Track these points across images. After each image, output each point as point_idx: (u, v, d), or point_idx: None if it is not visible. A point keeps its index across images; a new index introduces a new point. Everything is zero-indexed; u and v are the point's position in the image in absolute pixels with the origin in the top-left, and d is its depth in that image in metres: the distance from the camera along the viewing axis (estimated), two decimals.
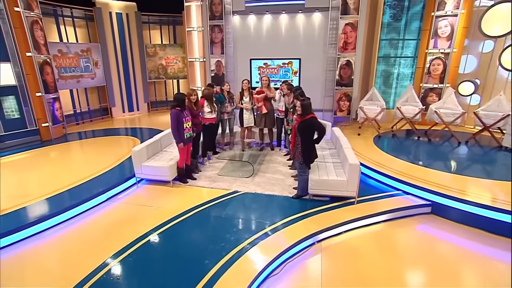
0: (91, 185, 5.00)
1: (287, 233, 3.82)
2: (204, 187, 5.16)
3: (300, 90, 5.27)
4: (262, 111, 6.34)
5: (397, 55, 8.71)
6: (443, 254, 3.75)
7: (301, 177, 4.64)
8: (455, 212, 4.34)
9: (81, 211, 4.42)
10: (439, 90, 8.36)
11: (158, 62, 10.99)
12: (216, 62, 8.87)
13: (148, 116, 10.70)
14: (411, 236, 4.12)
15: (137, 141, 7.43)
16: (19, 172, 5.70)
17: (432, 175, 5.12)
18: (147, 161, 5.26)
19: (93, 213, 4.46)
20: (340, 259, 3.63)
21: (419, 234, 4.18)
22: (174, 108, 4.86)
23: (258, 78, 8.85)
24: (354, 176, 4.40)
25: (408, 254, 3.72)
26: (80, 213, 4.41)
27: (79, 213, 4.39)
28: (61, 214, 4.18)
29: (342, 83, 8.39)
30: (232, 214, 4.29)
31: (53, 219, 4.10)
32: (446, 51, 8.09)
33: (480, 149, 6.59)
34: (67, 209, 4.26)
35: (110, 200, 4.82)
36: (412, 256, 3.70)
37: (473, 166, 5.63)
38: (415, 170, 5.29)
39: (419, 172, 5.22)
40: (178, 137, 4.90)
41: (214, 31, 8.62)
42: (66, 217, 4.24)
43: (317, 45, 8.30)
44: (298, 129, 4.38)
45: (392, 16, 8.32)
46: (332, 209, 4.43)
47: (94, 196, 4.61)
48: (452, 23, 7.87)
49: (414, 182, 4.80)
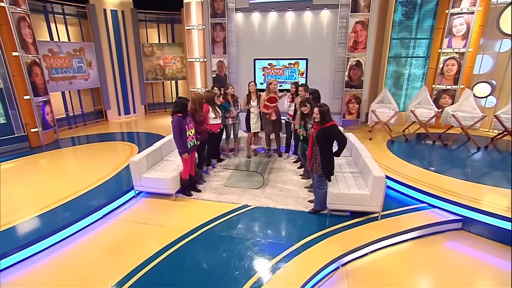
0: (85, 200, 4.49)
1: (308, 258, 3.37)
2: (211, 201, 4.68)
3: (317, 94, 4.81)
4: (271, 117, 5.86)
5: (408, 55, 8.30)
6: (479, 276, 3.33)
7: (319, 191, 4.19)
8: (488, 228, 3.93)
9: (74, 231, 3.92)
10: (452, 91, 7.97)
11: (156, 62, 10.46)
12: (218, 63, 8.38)
13: (145, 119, 10.18)
14: (442, 256, 3.68)
15: (135, 148, 6.92)
16: (5, 184, 5.17)
17: (459, 185, 4.70)
18: (147, 172, 4.77)
19: (87, 233, 3.95)
20: (369, 284, 3.20)
21: (451, 253, 3.76)
22: (176, 114, 4.38)
23: (262, 79, 8.40)
24: (379, 190, 3.96)
25: (441, 277, 3.28)
26: (73, 233, 3.90)
27: (72, 233, 3.89)
28: (52, 235, 3.68)
29: (351, 85, 7.96)
30: (244, 234, 3.83)
31: (43, 242, 3.59)
32: (461, 51, 7.69)
33: (502, 155, 6.19)
34: (59, 229, 3.76)
35: (106, 217, 4.32)
36: (447, 279, 3.26)
37: (501, 175, 5.22)
38: (439, 180, 4.87)
39: (445, 182, 4.80)
40: (182, 147, 4.42)
41: (215, 29, 8.13)
42: (58, 238, 3.74)
43: (325, 44, 7.85)
44: (316, 138, 3.94)
45: (404, 14, 7.91)
46: (354, 226, 3.99)
47: (89, 213, 4.12)
48: (468, 21, 7.47)
49: (443, 195, 4.38)
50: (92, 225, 4.11)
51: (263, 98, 5.80)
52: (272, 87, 5.81)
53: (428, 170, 5.32)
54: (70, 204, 4.38)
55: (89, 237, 3.89)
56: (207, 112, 5.22)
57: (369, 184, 4.11)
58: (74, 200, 4.48)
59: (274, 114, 5.80)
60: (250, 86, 5.98)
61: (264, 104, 5.79)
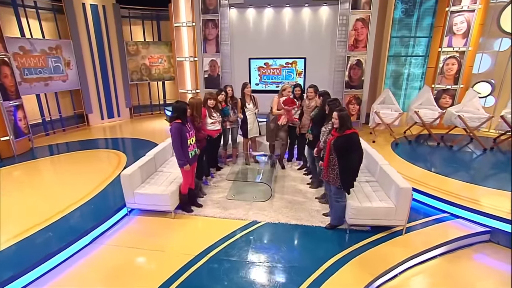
0: (68, 222, 3.86)
1: (336, 287, 2.95)
2: (215, 217, 4.17)
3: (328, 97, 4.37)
4: (282, 121, 5.24)
5: (408, 54, 8.08)
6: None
7: (336, 204, 3.78)
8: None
9: (56, 263, 3.29)
10: (453, 91, 7.80)
11: (141, 61, 9.74)
12: (210, 62, 7.83)
13: (131, 123, 9.46)
14: (474, 272, 3.38)
15: (122, 156, 6.27)
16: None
17: (480, 193, 4.44)
18: (141, 187, 4.20)
19: (73, 265, 3.33)
20: None
21: (483, 269, 3.47)
22: (174, 121, 3.84)
23: (258, 80, 7.94)
24: (404, 203, 3.59)
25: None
26: (55, 267, 3.28)
27: (53, 266, 3.26)
28: (29, 272, 3.05)
29: (351, 85, 7.63)
30: (257, 258, 3.35)
31: (16, 283, 2.96)
32: (461, 50, 7.52)
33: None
34: (37, 264, 3.13)
35: (95, 241, 3.71)
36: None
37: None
38: (458, 187, 4.60)
39: (465, 189, 4.52)
40: (183, 157, 3.88)
41: (207, 26, 7.57)
42: (35, 275, 3.11)
43: (324, 43, 7.48)
44: (334, 146, 3.52)
45: (404, 11, 7.67)
46: (378, 243, 3.61)
47: (75, 239, 3.50)
48: (469, 19, 7.30)
49: (467, 204, 4.08)
50: (78, 254, 3.49)
51: (275, 102, 5.28)
52: (286, 94, 5.19)
53: (445, 176, 5.03)
54: (50, 228, 3.73)
55: (75, 269, 3.27)
56: (204, 117, 4.70)
57: (392, 195, 3.73)
58: (55, 224, 3.82)
59: (285, 118, 5.23)
60: (247, 90, 5.50)
61: (280, 107, 5.19)
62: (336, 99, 4.04)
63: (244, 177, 5.17)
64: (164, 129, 8.70)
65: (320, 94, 4.63)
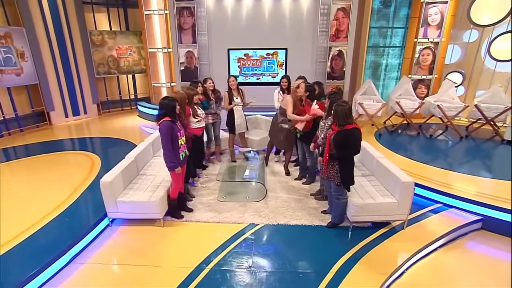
0: (38, 243, 3.30)
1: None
2: (208, 222, 3.86)
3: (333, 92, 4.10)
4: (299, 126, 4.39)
5: (386, 45, 8.15)
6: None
7: (337, 201, 3.64)
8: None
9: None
10: (428, 81, 8.03)
11: (108, 53, 8.92)
12: (187, 53, 7.33)
13: (99, 121, 8.68)
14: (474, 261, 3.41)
15: (95, 159, 5.66)
16: None
17: (468, 181, 4.57)
18: (124, 194, 3.76)
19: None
20: None
21: (482, 258, 3.52)
22: (163, 118, 3.45)
23: (237, 71, 7.60)
24: (407, 197, 3.54)
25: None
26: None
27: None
28: None
29: (333, 76, 7.56)
30: (262, 265, 3.12)
31: None
32: (435, 40, 7.73)
33: (487, 144, 6.33)
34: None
35: (74, 261, 3.23)
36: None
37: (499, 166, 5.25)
38: (447, 176, 4.70)
39: (454, 178, 4.64)
40: (175, 159, 3.51)
41: (182, 15, 7.04)
42: None
43: (306, 33, 7.29)
44: (334, 141, 3.36)
45: (382, 1, 7.67)
46: (382, 239, 3.53)
47: (49, 263, 3.00)
48: (442, 10, 7.49)
49: (459, 193, 4.16)
50: (55, 278, 2.99)
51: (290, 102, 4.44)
52: (300, 92, 4.40)
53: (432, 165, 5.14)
54: (16, 251, 3.18)
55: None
56: (189, 115, 4.33)
57: (393, 190, 3.66)
58: (22, 245, 3.27)
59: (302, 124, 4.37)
60: (231, 82, 5.16)
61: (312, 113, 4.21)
62: (337, 92, 3.87)
63: (234, 176, 4.88)
64: (137, 126, 8.09)
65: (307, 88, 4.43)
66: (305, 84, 4.43)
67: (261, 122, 6.44)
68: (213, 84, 5.18)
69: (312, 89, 4.37)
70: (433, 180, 4.54)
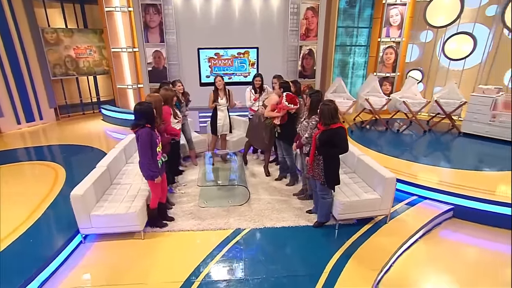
0: (2, 266, 2.95)
1: None
2: (192, 230, 3.67)
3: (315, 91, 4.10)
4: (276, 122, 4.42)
5: (352, 44, 8.42)
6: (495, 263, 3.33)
7: (323, 201, 3.65)
8: (479, 213, 4.05)
9: None
10: (392, 79, 8.45)
11: (64, 53, 8.18)
12: (154, 53, 6.96)
13: (58, 126, 7.95)
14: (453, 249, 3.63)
15: (59, 169, 5.15)
16: None
17: (436, 173, 4.87)
18: (97, 207, 3.44)
19: None
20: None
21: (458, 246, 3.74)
22: (141, 125, 3.20)
23: (208, 71, 7.39)
24: (389, 192, 3.65)
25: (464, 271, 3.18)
26: None
27: None
28: None
29: (304, 75, 7.65)
30: (255, 271, 3.02)
31: None
32: (397, 40, 8.14)
33: (447, 137, 6.80)
34: None
35: (44, 287, 2.91)
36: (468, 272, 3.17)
37: (462, 157, 5.64)
38: (417, 169, 4.99)
39: (422, 171, 4.92)
40: (155, 168, 3.29)
41: (148, 12, 6.67)
42: None
43: (276, 32, 7.28)
44: (320, 140, 3.37)
45: (347, 2, 7.90)
46: (368, 235, 3.62)
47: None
48: (402, 11, 7.91)
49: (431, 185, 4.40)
50: None
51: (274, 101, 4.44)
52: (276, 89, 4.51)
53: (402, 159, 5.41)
54: None
55: None
56: (169, 116, 4.10)
57: (376, 186, 3.76)
58: None
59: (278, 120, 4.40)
60: (217, 82, 5.02)
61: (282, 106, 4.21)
62: (319, 91, 3.90)
63: (215, 180, 4.71)
64: (102, 130, 7.55)
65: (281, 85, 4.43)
66: (280, 82, 4.44)
67: (234, 122, 6.30)
68: (183, 87, 5.07)
69: (286, 86, 4.38)
70: (406, 173, 4.75)
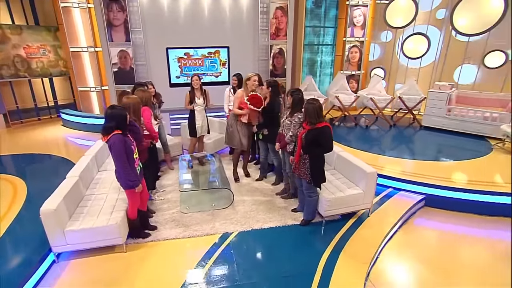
0: None
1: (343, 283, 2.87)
2: (178, 238, 3.52)
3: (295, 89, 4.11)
4: (243, 119, 4.49)
5: (320, 43, 8.64)
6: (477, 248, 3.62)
7: (309, 199, 3.70)
8: (447, 201, 4.37)
9: None
10: (357, 76, 8.82)
11: (13, 52, 7.38)
12: (120, 53, 6.54)
13: (8, 134, 7.17)
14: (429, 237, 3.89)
15: (18, 182, 4.63)
16: None
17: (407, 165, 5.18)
18: (73, 222, 3.15)
19: None
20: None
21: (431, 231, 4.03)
22: (113, 132, 2.97)
23: (178, 72, 7.14)
24: (371, 186, 3.80)
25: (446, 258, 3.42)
26: None
27: None
28: None
29: (276, 74, 7.68)
30: (249, 276, 2.97)
31: None
32: (360, 39, 8.51)
33: (410, 130, 7.26)
34: None
35: None
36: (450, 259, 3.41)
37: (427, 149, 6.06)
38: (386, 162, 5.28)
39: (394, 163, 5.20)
40: (134, 177, 3.07)
41: (111, 9, 6.24)
42: None
43: (247, 31, 7.22)
44: (306, 139, 3.41)
45: (313, 2, 8.08)
46: (353, 229, 3.74)
47: None
48: (364, 12, 8.28)
49: (407, 177, 4.66)
50: None
51: (239, 97, 4.43)
52: (251, 85, 4.35)
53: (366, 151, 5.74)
54: None
55: None
56: (149, 119, 3.89)
57: (358, 181, 3.89)
58: None
59: (247, 117, 4.47)
60: (194, 82, 4.86)
61: (241, 102, 4.34)
62: (299, 89, 3.93)
63: (197, 183, 4.56)
64: (63, 137, 6.96)
65: (269, 84, 4.42)
66: (267, 81, 4.41)
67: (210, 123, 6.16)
68: (154, 89, 4.88)
69: (275, 84, 4.37)
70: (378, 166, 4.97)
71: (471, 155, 5.57)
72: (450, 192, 4.35)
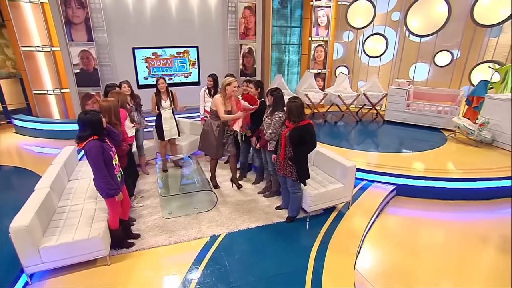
0: None
1: (335, 275, 2.98)
2: (164, 245, 3.39)
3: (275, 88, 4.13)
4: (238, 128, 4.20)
5: (286, 42, 8.80)
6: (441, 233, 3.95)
7: (294, 196, 3.78)
8: (414, 189, 4.73)
9: None
10: (323, 75, 9.15)
11: None
12: (81, 53, 6.09)
13: None
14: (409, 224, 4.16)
15: None
16: None
17: (377, 157, 5.50)
18: (49, 238, 2.89)
19: None
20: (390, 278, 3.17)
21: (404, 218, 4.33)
22: (89, 139, 2.78)
23: (146, 73, 6.86)
24: (351, 180, 3.98)
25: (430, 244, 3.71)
26: None
27: None
28: None
29: (246, 73, 7.72)
30: (242, 277, 2.96)
31: None
32: (325, 39, 8.84)
33: (374, 125, 7.71)
34: None
35: None
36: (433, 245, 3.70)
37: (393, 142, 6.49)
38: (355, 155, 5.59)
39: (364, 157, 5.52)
40: (114, 185, 2.90)
41: (70, 6, 5.78)
42: None
43: (215, 30, 7.14)
44: (290, 138, 3.48)
45: (279, 2, 8.20)
46: (336, 222, 3.88)
47: None
48: (328, 13, 8.61)
49: (378, 169, 4.94)
50: None
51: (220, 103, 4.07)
52: (231, 91, 4.06)
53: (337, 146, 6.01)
54: None
55: None
56: (124, 121, 3.69)
57: (338, 175, 4.05)
58: None
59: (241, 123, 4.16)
60: (160, 85, 4.68)
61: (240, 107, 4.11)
62: (278, 89, 3.97)
63: (176, 187, 4.43)
64: (17, 145, 6.32)
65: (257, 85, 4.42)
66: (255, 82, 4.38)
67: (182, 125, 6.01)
68: (130, 89, 4.62)
69: (262, 85, 4.37)
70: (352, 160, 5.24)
71: (429, 146, 6.08)
72: (416, 180, 4.71)
